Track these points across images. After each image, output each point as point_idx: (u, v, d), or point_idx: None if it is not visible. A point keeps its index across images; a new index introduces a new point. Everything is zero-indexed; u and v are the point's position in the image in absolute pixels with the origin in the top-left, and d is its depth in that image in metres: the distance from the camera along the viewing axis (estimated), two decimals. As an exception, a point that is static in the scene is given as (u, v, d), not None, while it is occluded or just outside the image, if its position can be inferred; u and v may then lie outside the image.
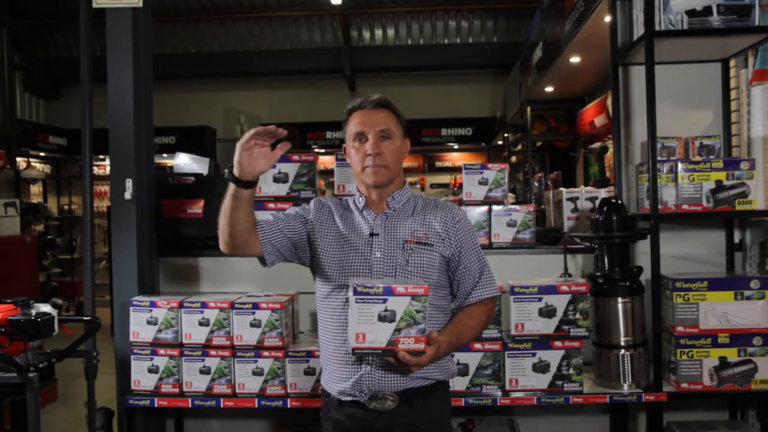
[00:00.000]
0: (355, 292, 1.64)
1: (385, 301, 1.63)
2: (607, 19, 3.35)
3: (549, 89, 6.70)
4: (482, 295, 1.90)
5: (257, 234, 1.87)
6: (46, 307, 2.25)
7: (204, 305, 2.70)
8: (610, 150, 5.02)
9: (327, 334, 1.88)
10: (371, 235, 1.86)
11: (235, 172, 1.72)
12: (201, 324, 2.69)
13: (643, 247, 2.83)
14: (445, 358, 1.86)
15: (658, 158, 2.69)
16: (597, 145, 6.34)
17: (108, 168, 4.76)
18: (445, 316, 1.89)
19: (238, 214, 1.77)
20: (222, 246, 1.84)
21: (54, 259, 9.33)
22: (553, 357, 2.60)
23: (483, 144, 10.59)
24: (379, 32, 10.67)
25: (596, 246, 2.78)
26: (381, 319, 1.63)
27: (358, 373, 1.79)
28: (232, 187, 1.74)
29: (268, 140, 1.73)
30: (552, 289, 2.60)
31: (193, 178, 3.17)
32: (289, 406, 2.64)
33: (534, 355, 2.60)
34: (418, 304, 1.63)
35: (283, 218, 1.93)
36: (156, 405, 2.72)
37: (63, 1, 9.45)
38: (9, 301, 2.22)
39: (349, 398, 1.82)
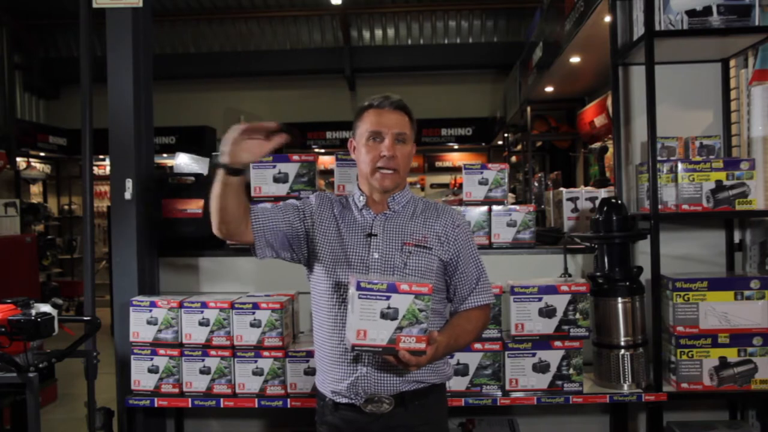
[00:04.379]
0: (359, 288, 1.60)
1: (388, 298, 1.60)
2: (607, 19, 3.35)
3: (549, 89, 6.70)
4: (479, 301, 1.89)
5: (251, 223, 1.84)
6: (46, 307, 2.25)
7: (204, 305, 2.69)
8: (610, 150, 5.03)
9: (322, 334, 1.87)
10: (369, 235, 1.84)
11: (223, 159, 1.69)
12: (201, 324, 2.69)
13: (643, 247, 2.83)
14: (441, 361, 1.86)
15: (658, 158, 2.69)
16: (597, 145, 6.36)
17: (108, 168, 4.76)
18: (441, 319, 1.88)
19: (227, 200, 1.74)
20: (215, 229, 1.82)
21: (54, 259, 9.33)
22: (553, 357, 2.60)
23: (483, 144, 10.60)
24: (379, 32, 10.67)
25: (596, 246, 2.78)
26: (383, 316, 1.60)
27: (354, 375, 1.77)
28: (220, 172, 1.72)
29: (259, 135, 1.70)
30: (552, 289, 2.60)
31: (193, 178, 3.17)
32: (289, 406, 2.64)
33: (534, 355, 2.60)
34: (421, 303, 1.61)
35: (281, 211, 1.89)
36: (156, 405, 2.72)
37: (63, 1, 9.45)
38: (9, 301, 2.22)
39: (344, 401, 1.80)
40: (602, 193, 3.18)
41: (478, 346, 2.60)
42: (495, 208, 2.96)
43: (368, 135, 1.84)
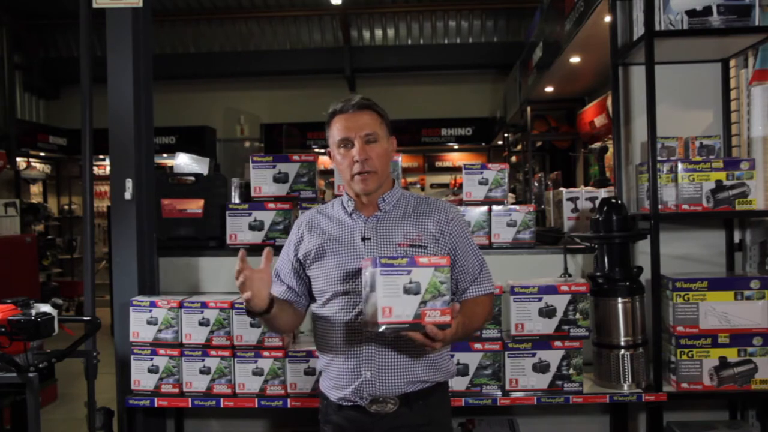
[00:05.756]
0: (380, 264, 1.59)
1: (409, 272, 1.60)
2: (607, 19, 3.35)
3: (549, 89, 6.70)
4: (480, 291, 1.88)
5: (301, 312, 1.96)
6: (46, 307, 2.25)
7: (204, 305, 2.70)
8: (610, 150, 5.02)
9: (325, 341, 1.86)
10: (363, 239, 1.83)
11: (249, 307, 1.72)
12: (201, 324, 2.69)
13: (643, 247, 2.83)
14: (443, 359, 1.86)
15: (658, 158, 2.69)
16: (597, 145, 6.35)
17: (108, 168, 4.76)
18: None
19: (276, 324, 1.86)
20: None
21: (54, 259, 9.33)
22: (553, 357, 2.60)
23: (483, 144, 10.59)
24: (379, 32, 10.66)
25: (596, 246, 2.78)
26: (406, 291, 1.59)
27: (359, 380, 1.78)
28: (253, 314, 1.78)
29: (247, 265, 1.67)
30: (552, 289, 2.60)
31: (193, 178, 3.17)
32: (289, 406, 2.64)
33: (534, 355, 2.60)
34: (441, 275, 1.61)
35: (290, 276, 1.94)
36: (156, 405, 2.72)
37: (63, 1, 9.45)
38: (9, 301, 2.22)
39: (349, 403, 1.81)
40: (602, 193, 3.18)
41: (478, 346, 2.60)
42: (495, 208, 2.96)
43: (338, 143, 1.85)
